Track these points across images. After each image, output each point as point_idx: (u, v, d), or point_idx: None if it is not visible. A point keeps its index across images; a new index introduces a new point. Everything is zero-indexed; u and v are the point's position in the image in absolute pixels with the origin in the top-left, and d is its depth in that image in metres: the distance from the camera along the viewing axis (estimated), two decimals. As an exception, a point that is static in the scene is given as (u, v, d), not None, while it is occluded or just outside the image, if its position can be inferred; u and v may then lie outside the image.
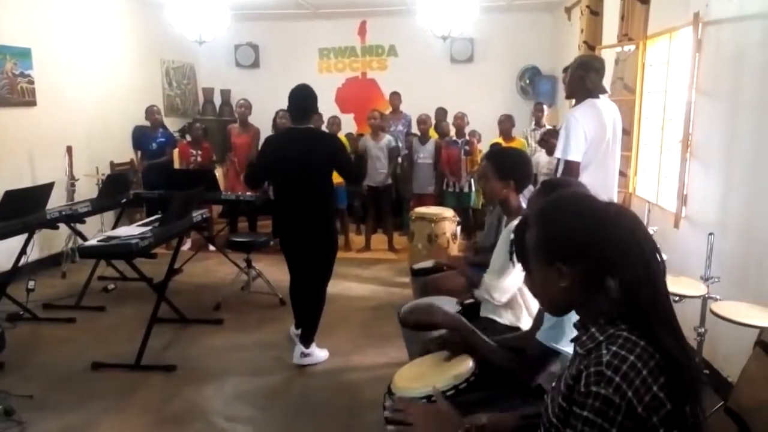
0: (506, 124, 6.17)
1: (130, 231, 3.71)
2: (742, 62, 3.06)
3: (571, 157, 3.22)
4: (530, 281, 1.28)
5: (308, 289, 3.69)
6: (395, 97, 7.45)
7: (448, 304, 2.65)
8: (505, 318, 2.44)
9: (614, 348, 1.07)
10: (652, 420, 1.03)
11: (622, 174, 4.10)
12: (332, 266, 3.75)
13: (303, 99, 3.58)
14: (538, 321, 2.02)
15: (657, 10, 4.28)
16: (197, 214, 4.31)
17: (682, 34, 3.90)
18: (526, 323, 2.40)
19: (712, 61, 3.40)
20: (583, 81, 3.34)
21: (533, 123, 6.63)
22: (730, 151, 3.17)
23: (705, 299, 2.60)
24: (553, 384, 1.25)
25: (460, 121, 6.35)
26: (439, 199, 6.28)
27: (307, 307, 3.69)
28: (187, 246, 6.17)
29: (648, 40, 4.35)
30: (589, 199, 1.23)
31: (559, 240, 1.17)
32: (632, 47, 4.55)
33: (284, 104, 6.28)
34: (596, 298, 1.15)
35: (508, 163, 2.59)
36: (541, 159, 5.54)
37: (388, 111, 7.57)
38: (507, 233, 2.45)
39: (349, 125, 8.16)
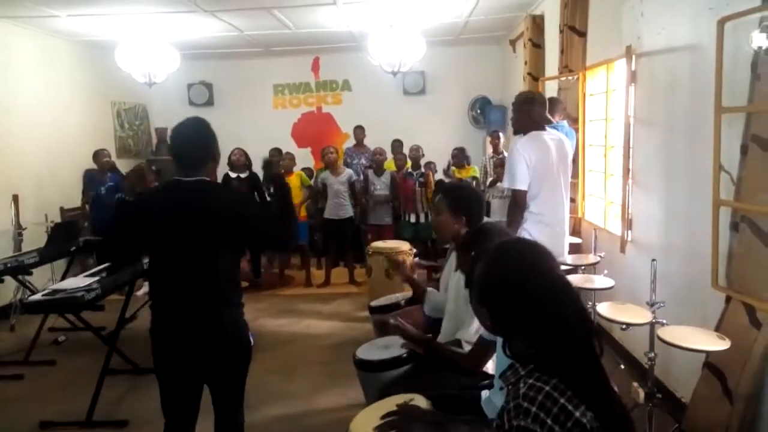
0: (459, 158, 6.30)
1: (76, 283, 3.59)
2: (674, 91, 3.20)
3: (517, 186, 3.38)
4: None
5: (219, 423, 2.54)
6: (359, 131, 7.52)
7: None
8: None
9: (530, 380, 1.12)
10: None
11: (572, 200, 4.22)
12: (245, 380, 2.45)
13: (197, 138, 2.28)
14: None
15: (594, 43, 4.46)
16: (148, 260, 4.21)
17: (618, 65, 4.06)
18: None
19: (647, 90, 3.55)
20: (530, 114, 3.48)
21: (491, 150, 6.75)
22: (668, 176, 3.29)
23: (652, 325, 2.65)
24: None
25: (416, 153, 6.45)
26: (397, 230, 6.31)
27: None
28: (141, 291, 6.00)
29: (587, 71, 4.51)
30: (525, 256, 1.27)
31: (484, 288, 1.28)
32: (574, 77, 4.71)
33: (240, 142, 6.33)
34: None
35: (461, 199, 2.56)
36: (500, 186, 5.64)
37: (352, 144, 7.65)
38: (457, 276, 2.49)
39: (306, 160, 8.18)
